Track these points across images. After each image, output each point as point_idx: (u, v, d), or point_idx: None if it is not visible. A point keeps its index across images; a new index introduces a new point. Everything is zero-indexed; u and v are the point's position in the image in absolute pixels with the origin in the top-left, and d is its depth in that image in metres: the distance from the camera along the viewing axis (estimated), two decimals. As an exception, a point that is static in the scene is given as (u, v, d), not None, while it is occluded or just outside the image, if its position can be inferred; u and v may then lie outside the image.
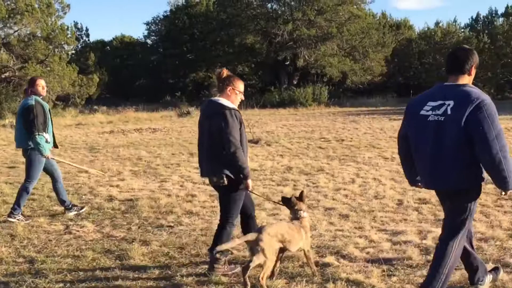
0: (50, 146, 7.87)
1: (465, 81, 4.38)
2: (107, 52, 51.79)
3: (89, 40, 54.67)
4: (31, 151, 7.66)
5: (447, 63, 4.43)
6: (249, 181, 5.25)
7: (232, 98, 5.35)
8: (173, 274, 5.43)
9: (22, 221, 7.64)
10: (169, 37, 45.45)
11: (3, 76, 30.66)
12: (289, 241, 5.06)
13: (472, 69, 4.40)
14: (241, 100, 5.51)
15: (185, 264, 5.77)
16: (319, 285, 5.04)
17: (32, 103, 7.57)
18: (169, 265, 5.72)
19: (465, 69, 4.36)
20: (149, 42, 53.52)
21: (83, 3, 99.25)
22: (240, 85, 5.41)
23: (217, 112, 5.20)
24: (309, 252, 5.30)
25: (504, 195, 4.35)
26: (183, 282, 5.20)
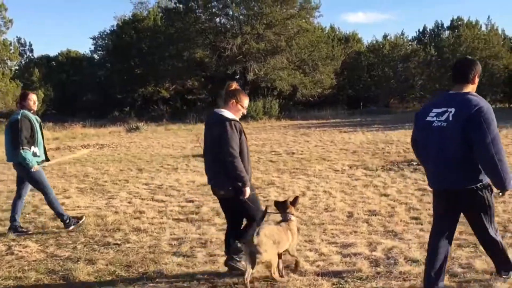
0: (40, 159, 7.86)
1: (468, 89, 4.73)
2: (52, 67, 50.76)
3: (33, 55, 53.61)
4: (22, 166, 7.66)
5: (453, 73, 4.80)
6: (247, 189, 5.44)
7: (234, 110, 5.59)
8: (119, 294, 5.25)
9: (75, 224, 7.96)
10: (116, 51, 44.87)
11: None
12: (278, 242, 5.35)
13: (475, 78, 4.77)
14: (243, 114, 5.73)
15: (132, 282, 5.60)
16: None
17: (18, 117, 7.56)
18: (115, 284, 5.53)
19: (469, 78, 4.73)
20: (96, 57, 52.82)
21: (27, 18, 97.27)
22: (244, 100, 5.66)
23: (218, 122, 5.44)
24: (294, 251, 5.67)
25: (501, 195, 4.60)
26: (129, 302, 5.03)
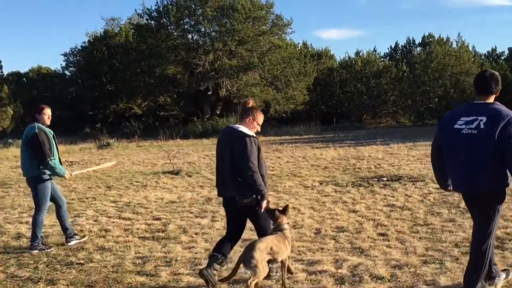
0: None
1: (492, 99, 5.07)
2: (23, 83, 50.11)
3: (2, 72, 52.81)
4: (37, 179, 7.72)
5: (478, 84, 5.13)
6: (264, 202, 5.72)
7: (250, 127, 5.90)
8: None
9: (44, 250, 7.71)
10: (88, 68, 44.53)
11: None
12: (277, 253, 5.54)
13: (498, 89, 5.11)
14: (257, 131, 6.04)
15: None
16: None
17: (35, 131, 7.66)
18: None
19: (494, 89, 5.07)
20: (67, 73, 52.24)
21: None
22: (260, 118, 5.98)
23: (238, 138, 5.74)
24: (286, 260, 5.76)
25: None
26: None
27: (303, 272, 6.21)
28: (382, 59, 51.58)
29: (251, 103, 6.08)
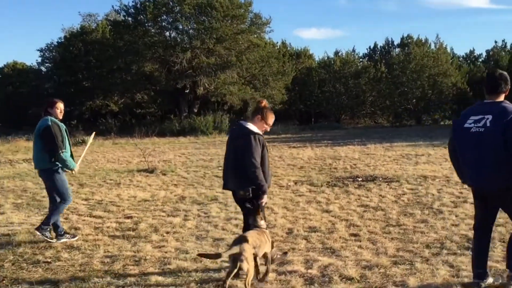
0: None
1: (502, 98, 5.26)
2: (-2, 79, 49.41)
3: (-24, 67, 52.03)
4: (50, 171, 7.84)
5: (488, 84, 5.33)
6: (265, 196, 6.04)
7: (258, 125, 6.14)
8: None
9: (69, 238, 7.95)
10: (64, 64, 43.85)
11: None
12: (259, 247, 5.70)
13: (508, 88, 5.29)
14: (266, 130, 6.29)
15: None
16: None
17: (48, 123, 7.77)
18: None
19: (504, 88, 5.26)
20: (43, 69, 51.52)
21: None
22: (270, 119, 6.22)
23: (243, 135, 6.00)
24: (269, 254, 5.95)
25: None
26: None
27: (273, 272, 6.16)
28: (361, 60, 51.79)
29: (264, 103, 6.31)
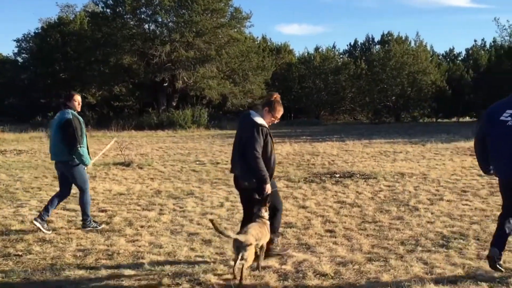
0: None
1: None
2: (-27, 69, 48.63)
3: (-49, 57, 51.13)
4: (69, 165, 7.99)
5: None
6: (267, 185, 6.19)
7: (265, 117, 6.36)
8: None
9: (96, 227, 8.12)
10: (41, 55, 43.30)
11: None
12: (260, 238, 5.87)
13: None
14: (274, 122, 6.51)
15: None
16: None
17: (69, 117, 7.87)
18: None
19: None
20: (19, 59, 50.87)
21: None
22: (278, 112, 6.43)
23: (248, 126, 6.21)
24: (264, 244, 6.10)
25: None
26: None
27: (247, 268, 6.10)
28: (341, 56, 51.88)
29: (274, 96, 6.49)
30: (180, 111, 35.94)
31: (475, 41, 75.09)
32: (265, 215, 6.20)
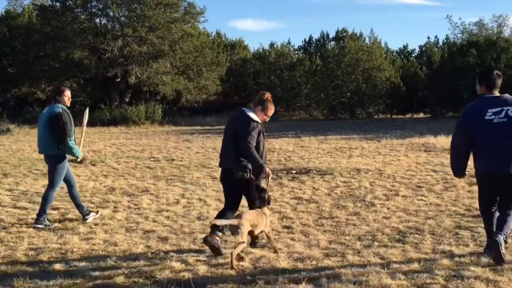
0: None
1: (498, 92, 6.10)
2: None
3: None
4: (57, 158, 8.08)
5: (493, 81, 6.04)
6: (267, 169, 6.57)
7: (258, 114, 6.77)
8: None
9: (49, 226, 7.95)
10: (-13, 49, 42.10)
11: None
12: (255, 225, 6.22)
13: None
14: (265, 120, 6.93)
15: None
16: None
17: (59, 110, 7.98)
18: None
19: (499, 84, 6.09)
20: (-35, 53, 49.27)
21: None
22: (270, 111, 6.91)
23: (244, 121, 6.62)
24: (270, 233, 6.54)
25: None
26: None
27: (205, 264, 6.07)
28: (296, 52, 51.87)
29: (266, 95, 6.95)
30: (133, 107, 35.41)
31: (428, 38, 76.84)
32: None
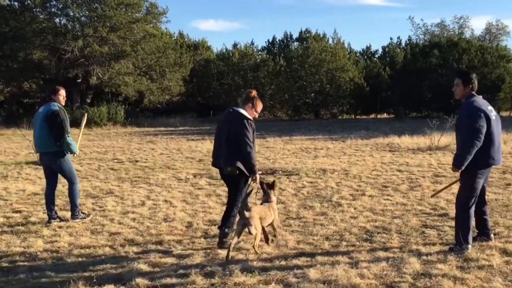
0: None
1: None
2: None
3: None
4: (56, 154, 8.22)
5: (476, 85, 6.55)
6: (257, 174, 6.83)
7: (249, 112, 6.92)
8: None
9: (85, 218, 8.36)
10: None
11: None
12: (264, 218, 6.58)
13: None
14: (255, 117, 7.06)
15: None
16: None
17: (56, 108, 8.14)
18: None
19: None
20: None
21: None
22: (259, 107, 7.06)
23: (239, 119, 6.75)
24: (276, 226, 7.09)
25: None
26: None
27: (172, 266, 6.02)
28: (259, 53, 51.83)
29: (253, 93, 7.06)
30: (95, 108, 34.91)
31: (391, 39, 77.87)
32: (273, 199, 7.06)
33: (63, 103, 8.45)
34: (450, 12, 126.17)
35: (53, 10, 36.59)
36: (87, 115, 10.55)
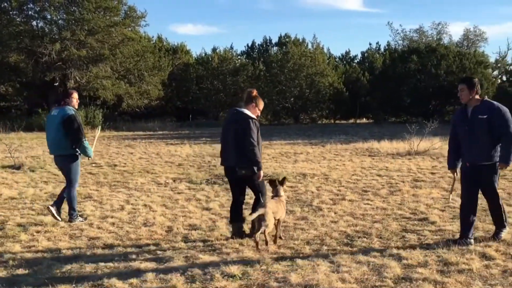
0: None
1: None
2: None
3: None
4: (71, 158, 8.45)
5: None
6: (261, 172, 7.16)
7: (252, 111, 7.21)
8: None
9: (82, 221, 8.43)
10: None
11: None
12: (275, 213, 6.94)
13: None
14: (258, 115, 7.38)
15: None
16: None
17: (72, 112, 8.32)
18: None
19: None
20: None
21: None
22: (261, 106, 7.36)
23: (243, 119, 7.06)
24: (282, 219, 7.37)
25: None
26: None
27: (153, 271, 5.93)
28: (239, 57, 51.85)
29: (254, 92, 7.31)
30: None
31: (370, 44, 78.79)
32: (283, 194, 7.37)
33: (77, 106, 8.63)
34: (428, 18, 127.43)
35: (30, 13, 36.28)
36: (100, 128, 10.66)
